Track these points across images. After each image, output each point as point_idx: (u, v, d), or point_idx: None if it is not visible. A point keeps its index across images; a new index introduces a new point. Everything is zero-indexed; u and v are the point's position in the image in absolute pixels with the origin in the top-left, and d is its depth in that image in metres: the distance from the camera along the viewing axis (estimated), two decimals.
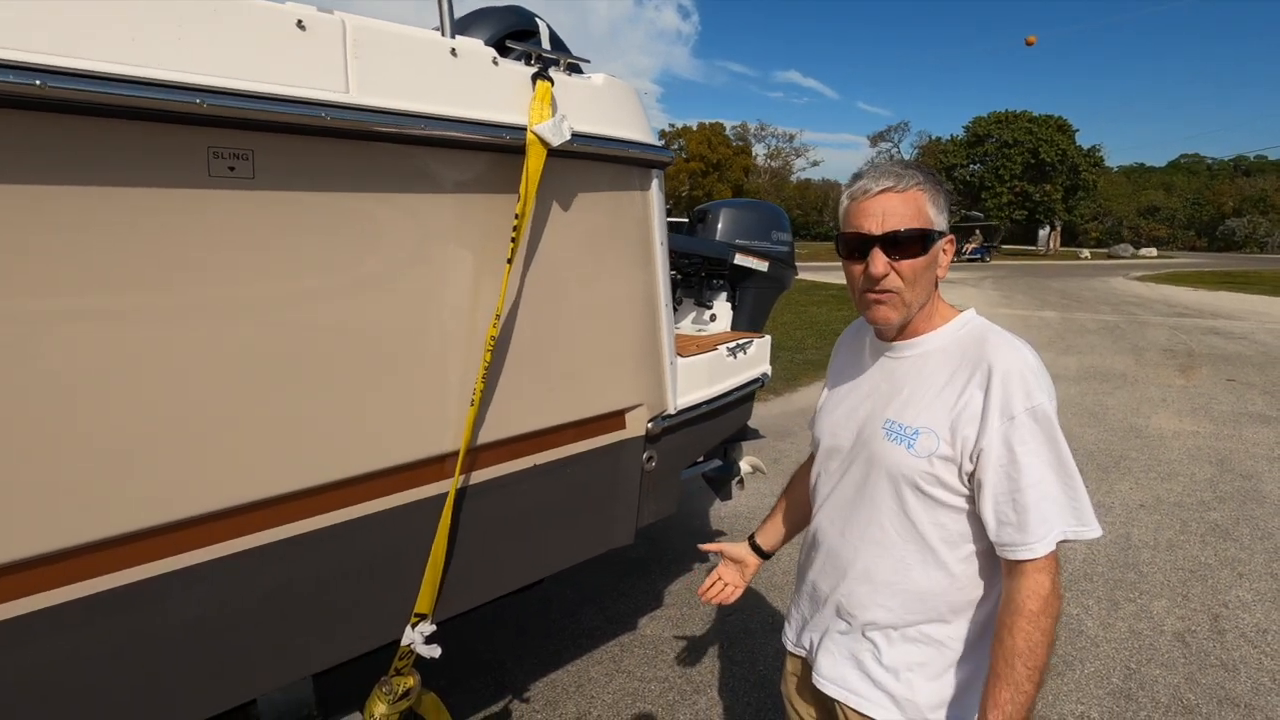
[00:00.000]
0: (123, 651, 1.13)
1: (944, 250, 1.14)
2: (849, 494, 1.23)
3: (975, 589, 1.15)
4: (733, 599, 1.54)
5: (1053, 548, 1.04)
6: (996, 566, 1.12)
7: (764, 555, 1.53)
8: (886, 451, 1.15)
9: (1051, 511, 1.04)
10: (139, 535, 1.10)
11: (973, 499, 1.10)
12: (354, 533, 1.36)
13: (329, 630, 1.39)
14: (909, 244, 1.09)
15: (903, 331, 1.19)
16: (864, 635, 1.21)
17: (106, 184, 0.98)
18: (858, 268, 1.14)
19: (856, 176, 1.16)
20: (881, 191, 1.10)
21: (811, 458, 1.41)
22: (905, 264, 1.10)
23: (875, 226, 1.09)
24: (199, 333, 1.10)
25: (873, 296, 1.13)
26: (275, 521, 1.25)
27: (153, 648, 1.16)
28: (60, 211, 0.95)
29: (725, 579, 1.54)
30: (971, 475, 1.09)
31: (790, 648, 1.39)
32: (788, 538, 1.54)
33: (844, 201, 1.17)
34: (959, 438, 1.08)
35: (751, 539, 1.55)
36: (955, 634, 1.16)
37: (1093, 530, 1.06)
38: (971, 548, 1.13)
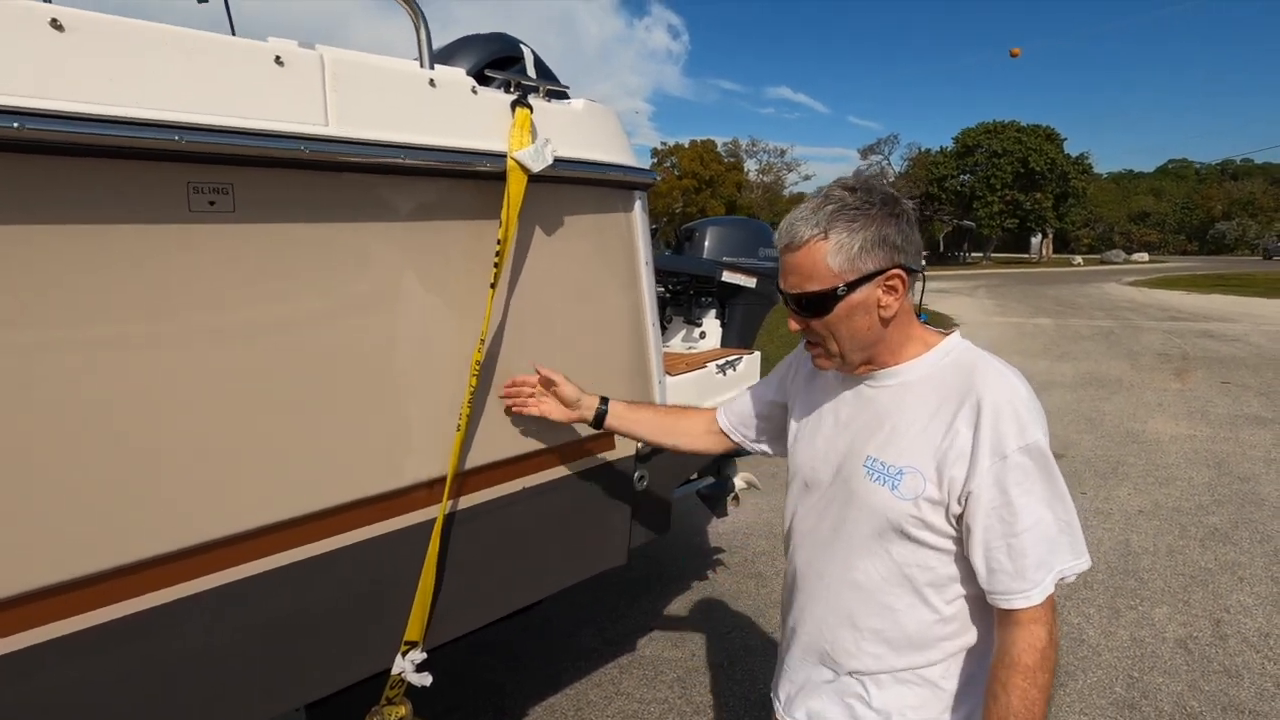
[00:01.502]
0: (108, 688, 1.12)
1: (886, 290, 1.03)
2: (827, 534, 1.15)
3: (968, 629, 1.08)
4: (525, 410, 1.51)
5: (1050, 591, 0.98)
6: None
7: (599, 421, 1.49)
8: (868, 492, 1.07)
9: (1049, 554, 0.98)
10: (122, 571, 1.09)
11: (961, 541, 1.03)
12: (341, 561, 1.35)
13: (319, 660, 1.38)
14: (809, 305, 1.04)
15: (870, 364, 1.11)
16: (852, 677, 1.13)
17: (87, 222, 1.00)
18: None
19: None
20: (783, 249, 1.05)
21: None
22: (815, 323, 1.05)
23: (783, 283, 1.07)
24: (181, 366, 1.11)
25: (807, 345, 1.13)
26: (262, 553, 1.25)
27: (139, 683, 1.15)
28: (42, 250, 0.96)
29: (538, 398, 1.51)
30: (960, 518, 1.01)
31: (778, 712, 1.28)
32: (626, 432, 1.52)
33: None
34: (946, 478, 1.00)
35: (607, 402, 1.50)
36: (949, 672, 1.09)
37: (1084, 562, 1.00)
38: (961, 590, 1.06)
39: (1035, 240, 45.50)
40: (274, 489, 1.24)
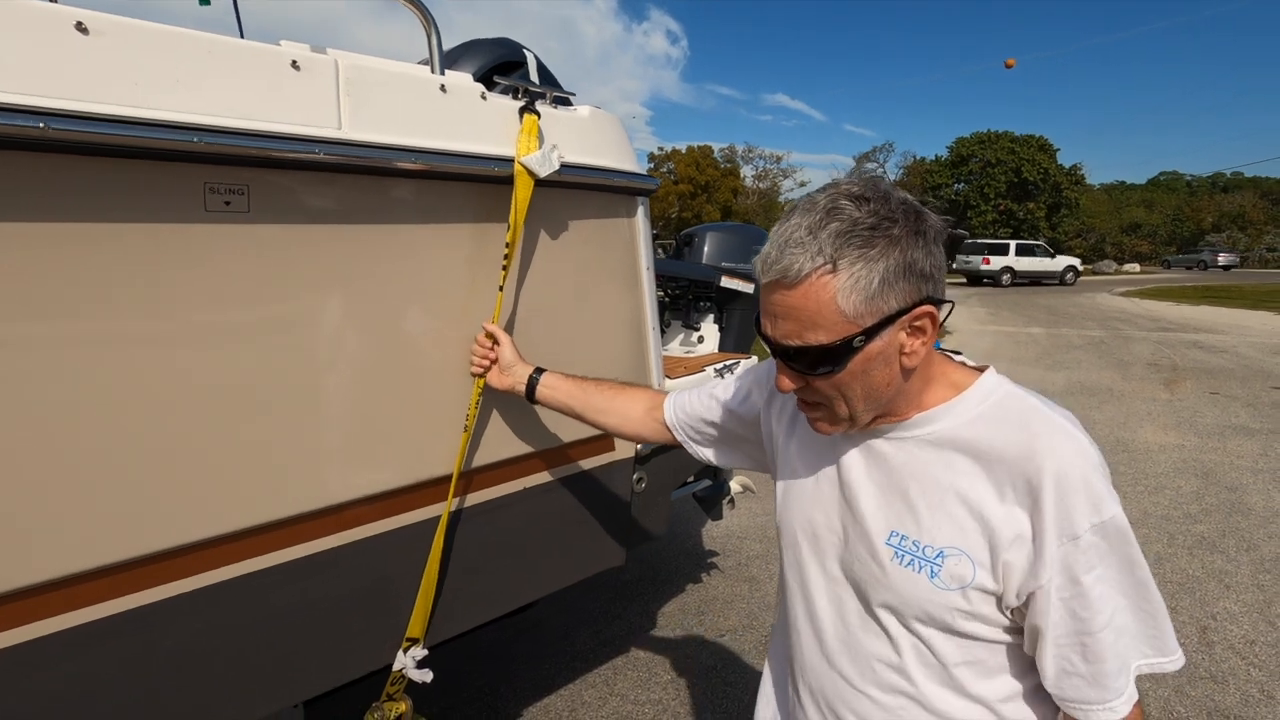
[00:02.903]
0: (108, 684, 1.13)
1: (912, 330, 0.79)
2: (835, 619, 0.94)
3: (1028, 715, 0.88)
4: (475, 372, 1.45)
5: (1135, 697, 0.80)
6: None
7: (530, 392, 1.41)
8: (899, 580, 0.85)
9: (1129, 651, 0.80)
10: (124, 566, 1.11)
11: (1020, 630, 0.84)
12: (345, 558, 1.37)
13: (319, 656, 1.40)
14: (811, 361, 0.78)
15: (882, 417, 0.87)
16: None
17: (107, 220, 1.02)
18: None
19: (778, 223, 0.80)
20: (770, 282, 0.78)
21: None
22: (817, 382, 0.81)
23: (770, 328, 0.80)
24: (195, 363, 1.13)
25: (801, 405, 0.87)
26: (267, 548, 1.27)
27: (139, 678, 1.16)
28: (62, 248, 0.98)
29: (490, 368, 1.45)
30: (1015, 610, 0.82)
31: None
32: (556, 405, 1.40)
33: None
34: (1000, 564, 0.80)
35: (541, 372, 1.41)
36: None
37: (1174, 659, 0.81)
38: (1018, 686, 0.87)
39: None
40: (280, 486, 1.25)
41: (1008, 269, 26.40)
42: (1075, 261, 28.24)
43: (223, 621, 1.23)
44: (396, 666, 1.47)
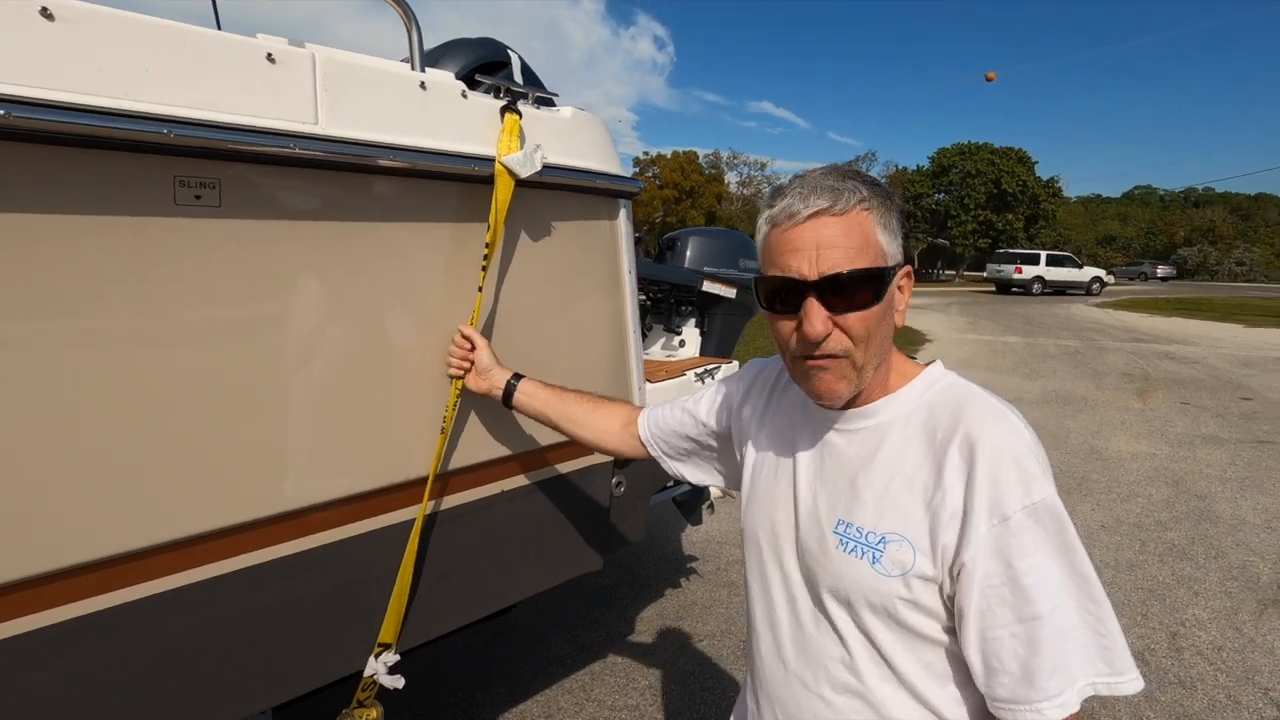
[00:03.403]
0: (70, 688, 1.10)
1: (900, 289, 0.86)
2: (790, 618, 0.94)
3: None
4: (452, 373, 1.43)
5: (1075, 709, 0.75)
6: None
7: (507, 398, 1.39)
8: (842, 567, 0.85)
9: (1071, 655, 0.74)
10: (87, 568, 1.08)
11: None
12: (317, 561, 1.34)
13: (289, 662, 1.37)
14: (857, 290, 0.79)
15: (853, 399, 0.88)
16: None
17: (72, 211, 0.99)
18: (786, 324, 0.84)
19: (778, 192, 0.84)
20: (813, 215, 0.79)
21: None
22: (854, 318, 0.80)
23: (808, 267, 0.79)
24: (161, 360, 1.10)
25: (813, 364, 0.83)
26: (234, 551, 1.24)
27: (102, 683, 1.13)
28: (26, 239, 0.95)
29: (468, 370, 1.42)
30: (954, 599, 0.80)
31: None
32: (533, 414, 1.39)
33: (762, 227, 0.85)
34: (939, 547, 0.79)
35: (520, 379, 1.39)
36: None
37: (1131, 680, 0.75)
38: (959, 695, 0.85)
39: None
40: (248, 487, 1.23)
41: (1039, 278, 26.83)
42: (1101, 273, 28.81)
43: (187, 627, 1.20)
44: (368, 672, 1.44)
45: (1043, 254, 27.99)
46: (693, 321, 3.14)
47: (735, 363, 2.90)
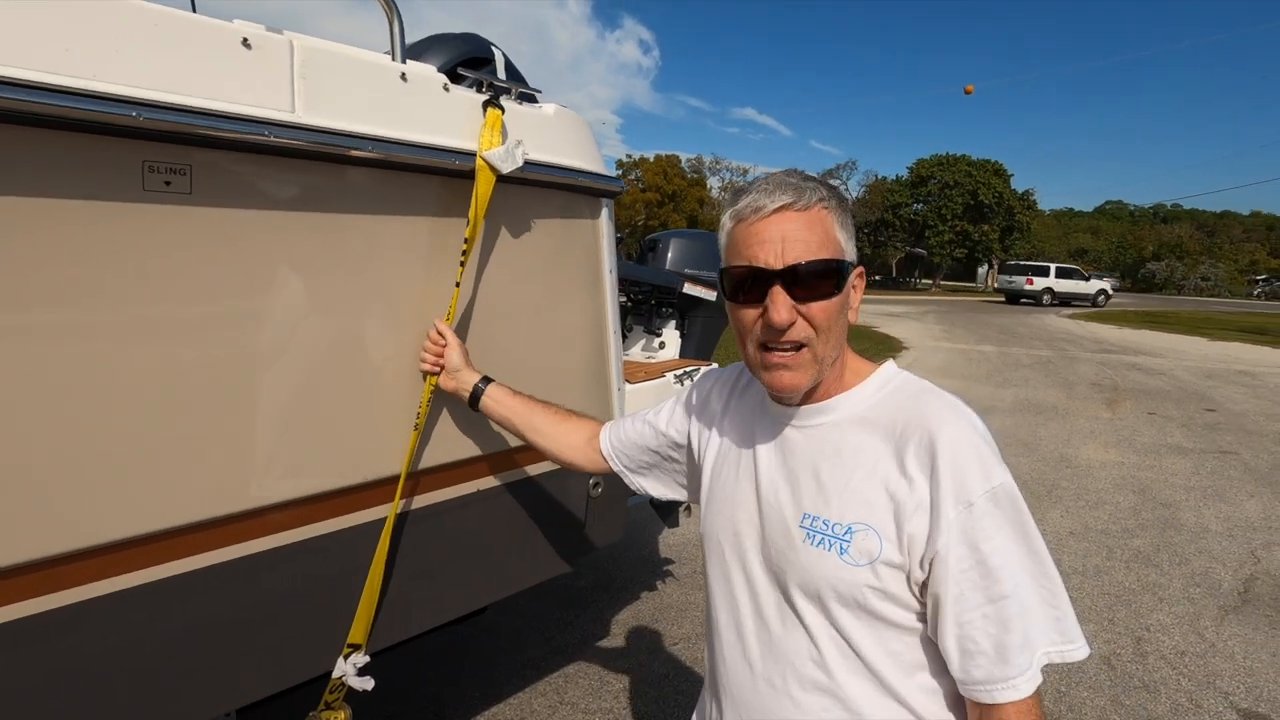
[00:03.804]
0: (26, 686, 1.06)
1: (854, 287, 0.90)
2: (755, 619, 0.94)
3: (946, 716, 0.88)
4: (425, 368, 1.42)
5: (1039, 680, 0.79)
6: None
7: (474, 401, 1.38)
8: (809, 560, 0.87)
9: (1033, 628, 0.79)
10: (49, 562, 1.04)
11: (927, 617, 0.84)
12: (285, 559, 1.31)
13: (254, 662, 1.33)
14: (818, 280, 0.84)
15: (810, 394, 0.92)
16: None
17: (33, 195, 0.95)
18: (751, 313, 0.87)
19: (741, 192, 0.89)
20: (778, 210, 0.84)
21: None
22: (816, 307, 0.84)
23: (774, 258, 0.83)
24: (127, 351, 1.06)
25: (777, 357, 0.86)
26: (200, 548, 1.20)
27: (60, 680, 1.09)
28: None
29: (439, 368, 1.41)
30: (924, 587, 0.83)
31: None
32: (500, 420, 1.39)
33: (726, 223, 0.90)
34: (905, 535, 0.82)
35: (488, 382, 1.39)
36: None
37: (1079, 648, 0.81)
38: (934, 684, 0.87)
39: (982, 270, 47.54)
40: (212, 483, 1.19)
41: (1048, 289, 27.96)
42: (1106, 285, 29.88)
43: (149, 626, 1.16)
44: (336, 673, 1.41)
45: (1052, 267, 29.17)
46: (673, 323, 3.15)
47: (715, 365, 2.90)
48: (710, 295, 3.03)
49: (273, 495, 1.27)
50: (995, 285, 31.28)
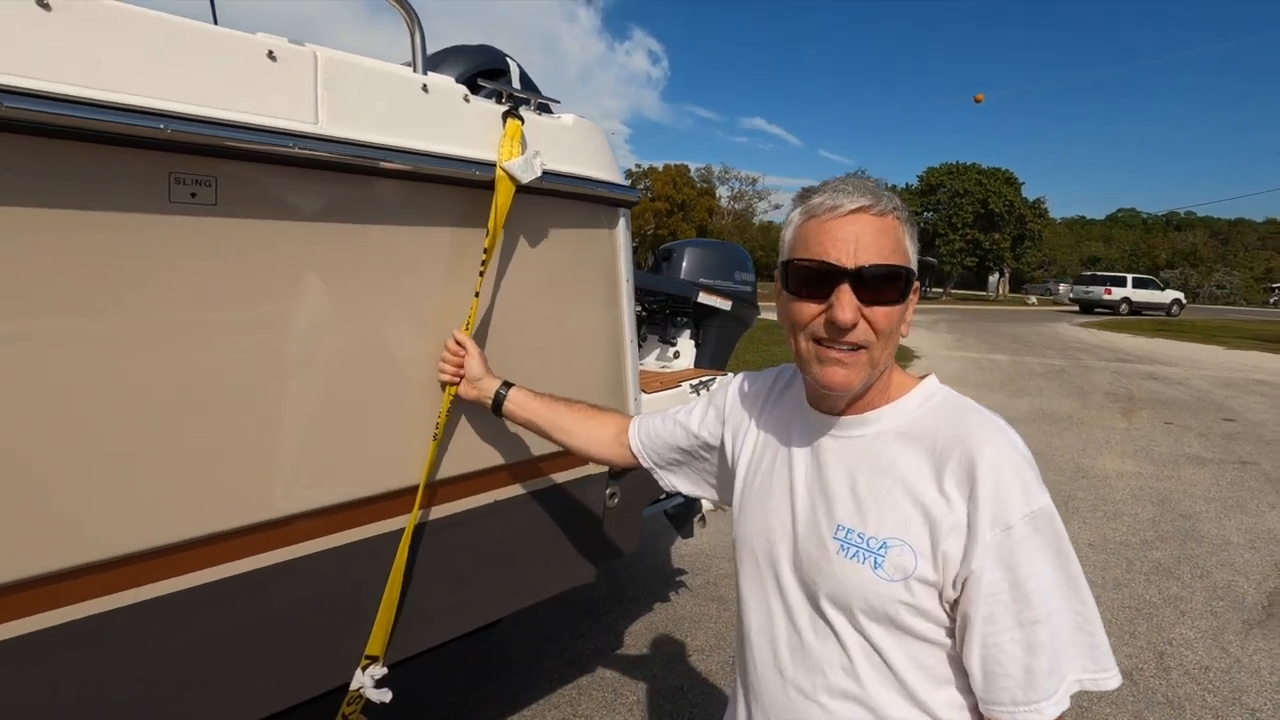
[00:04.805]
0: (46, 699, 1.06)
1: (909, 301, 0.90)
2: (788, 627, 0.93)
3: None
4: (443, 379, 1.42)
5: (1065, 706, 0.78)
6: None
7: (497, 406, 1.38)
8: (843, 572, 0.86)
9: (1063, 654, 0.78)
10: (70, 573, 1.04)
11: (956, 634, 0.84)
12: (304, 570, 1.31)
13: (272, 675, 1.33)
14: (886, 285, 0.84)
15: (853, 403, 0.91)
16: None
17: (63, 206, 0.96)
18: (812, 308, 0.85)
19: (810, 191, 0.88)
20: (855, 210, 0.83)
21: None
22: (880, 311, 0.84)
23: (846, 257, 0.82)
24: (152, 360, 1.07)
25: (835, 354, 0.85)
26: (219, 559, 1.20)
27: (82, 693, 1.09)
28: (13, 232, 0.93)
29: (457, 370, 1.41)
30: (955, 604, 0.82)
31: None
32: (524, 423, 1.39)
33: (796, 219, 0.89)
34: (939, 554, 0.81)
35: (509, 387, 1.39)
36: None
37: (1111, 677, 0.80)
38: (960, 700, 0.86)
39: (993, 279, 47.39)
40: (233, 494, 1.19)
41: (1125, 299, 28.26)
42: (1180, 295, 30.12)
43: (163, 639, 1.16)
44: (354, 685, 1.41)
45: (1129, 277, 29.43)
46: (688, 333, 3.13)
47: (730, 374, 2.89)
48: (725, 305, 3.02)
49: (293, 506, 1.27)
50: (1070, 296, 31.34)
